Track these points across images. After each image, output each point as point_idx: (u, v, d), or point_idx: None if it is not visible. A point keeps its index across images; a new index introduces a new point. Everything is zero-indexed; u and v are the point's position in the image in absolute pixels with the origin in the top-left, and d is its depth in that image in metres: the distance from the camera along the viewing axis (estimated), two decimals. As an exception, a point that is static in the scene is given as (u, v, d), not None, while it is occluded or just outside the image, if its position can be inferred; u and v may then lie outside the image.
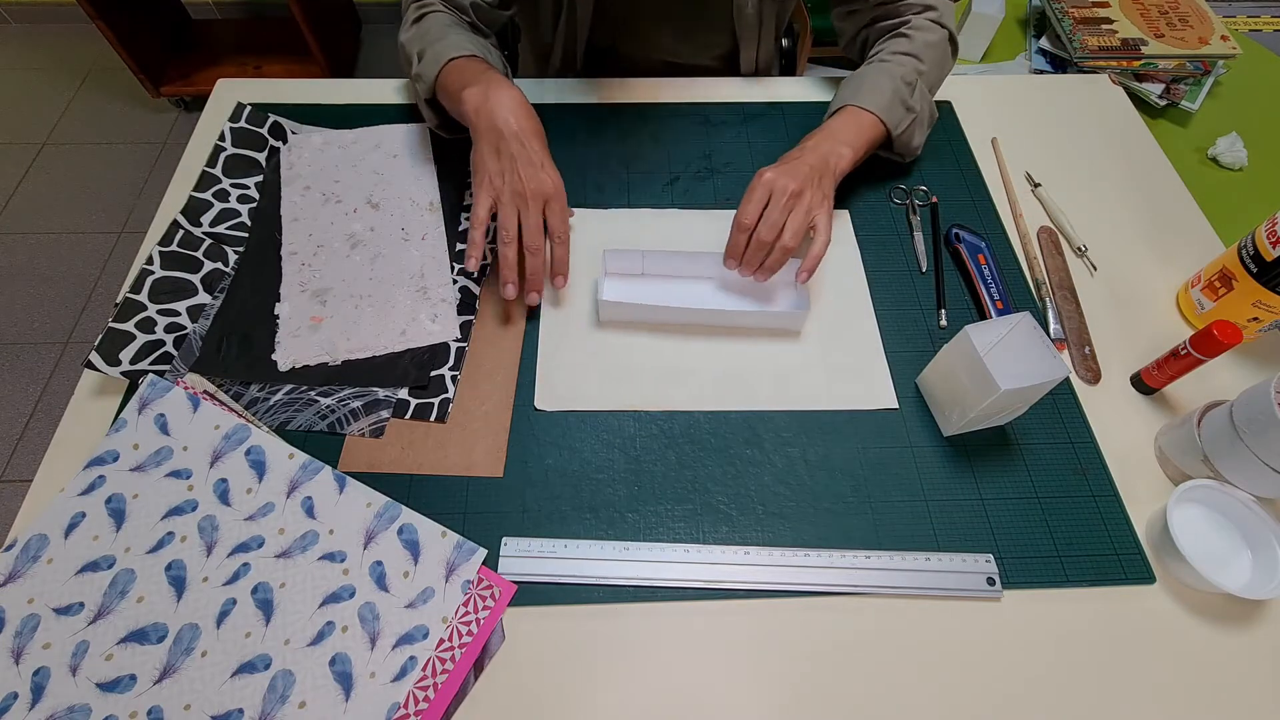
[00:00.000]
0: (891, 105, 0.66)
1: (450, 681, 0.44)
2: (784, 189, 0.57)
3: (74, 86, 1.98)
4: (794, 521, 0.53)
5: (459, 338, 0.60)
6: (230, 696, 0.42)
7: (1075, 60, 1.06)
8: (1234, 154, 1.02)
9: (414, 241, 0.66)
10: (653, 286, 0.62)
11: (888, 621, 0.49)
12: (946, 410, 0.56)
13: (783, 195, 0.57)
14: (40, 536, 0.46)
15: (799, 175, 0.58)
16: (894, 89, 0.66)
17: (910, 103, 0.67)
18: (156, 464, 0.49)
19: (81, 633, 0.44)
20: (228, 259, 0.64)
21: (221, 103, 0.77)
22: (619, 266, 0.62)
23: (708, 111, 0.79)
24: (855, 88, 0.67)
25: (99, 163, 1.81)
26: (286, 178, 0.70)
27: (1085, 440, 0.57)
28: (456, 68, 0.62)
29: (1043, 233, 0.70)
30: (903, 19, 0.71)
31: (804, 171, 0.59)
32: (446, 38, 0.65)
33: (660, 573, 0.50)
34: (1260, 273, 0.58)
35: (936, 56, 0.70)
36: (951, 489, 0.55)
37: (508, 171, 0.57)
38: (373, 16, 2.13)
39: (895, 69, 0.67)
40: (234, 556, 0.47)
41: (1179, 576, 0.51)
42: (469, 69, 0.62)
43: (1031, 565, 0.51)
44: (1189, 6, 1.13)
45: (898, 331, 0.63)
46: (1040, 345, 0.51)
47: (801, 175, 0.58)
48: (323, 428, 0.55)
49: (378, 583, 0.46)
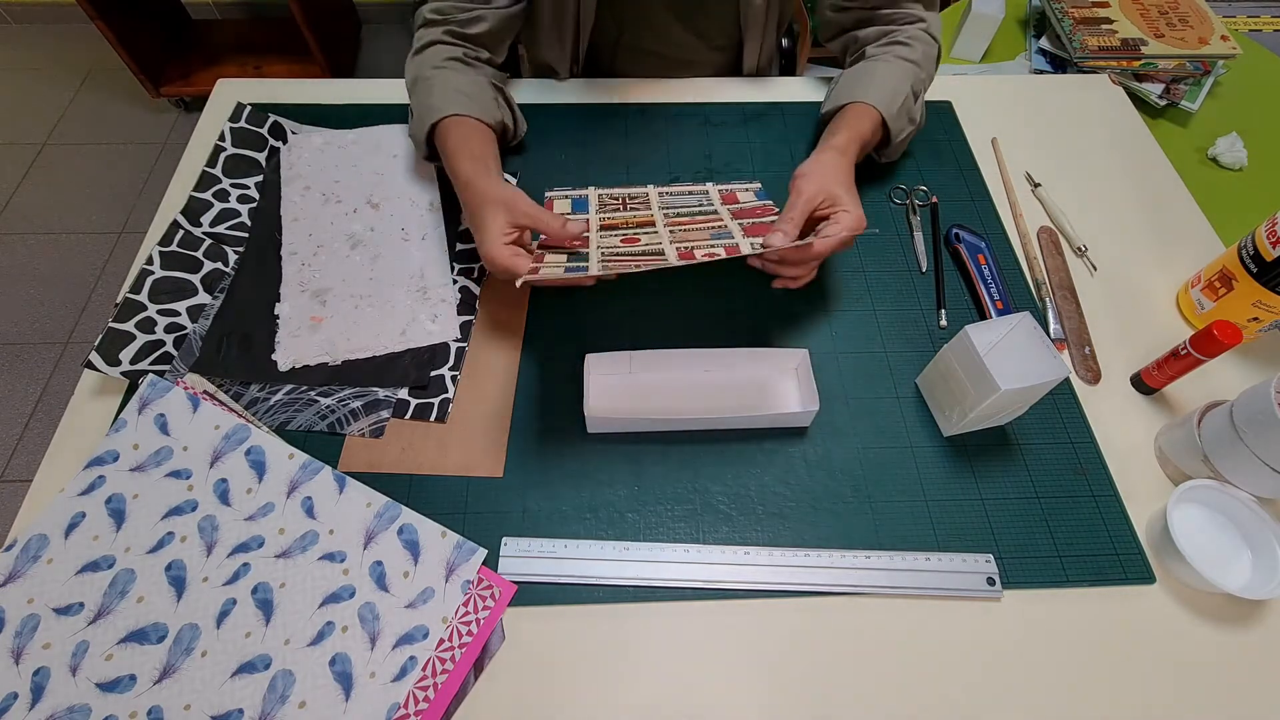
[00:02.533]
0: (899, 114, 0.67)
1: (450, 681, 0.44)
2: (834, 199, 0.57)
3: (74, 86, 1.98)
4: (794, 521, 0.53)
5: (459, 338, 0.60)
6: (230, 696, 0.42)
7: (1075, 60, 1.06)
8: (1234, 154, 1.01)
9: (414, 242, 0.66)
10: (642, 387, 0.58)
11: (888, 621, 0.49)
12: (946, 410, 0.56)
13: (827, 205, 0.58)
14: (40, 536, 0.46)
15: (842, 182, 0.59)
16: (904, 97, 0.67)
17: (913, 113, 0.69)
18: (156, 464, 0.49)
19: (81, 633, 0.44)
20: (228, 259, 0.64)
21: (221, 103, 0.77)
22: (605, 369, 0.58)
23: (708, 111, 0.79)
24: (866, 85, 0.67)
25: (99, 163, 1.81)
26: (286, 177, 0.70)
27: (1085, 440, 0.57)
28: (443, 131, 0.64)
29: (1043, 233, 0.70)
30: (897, 26, 0.72)
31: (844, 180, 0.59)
32: (432, 92, 0.65)
33: (660, 573, 0.50)
34: (1260, 273, 0.58)
35: (931, 71, 0.72)
36: (951, 489, 0.55)
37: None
38: (373, 16, 2.13)
39: (905, 75, 0.68)
40: (234, 556, 0.47)
41: (1179, 576, 0.51)
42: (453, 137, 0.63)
43: (1031, 565, 0.51)
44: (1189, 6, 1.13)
45: (898, 332, 0.63)
46: (1040, 345, 0.51)
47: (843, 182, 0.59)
48: (323, 428, 0.55)
49: (378, 583, 0.46)
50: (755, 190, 0.68)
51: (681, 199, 0.67)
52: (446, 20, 0.69)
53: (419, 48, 0.69)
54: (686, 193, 0.68)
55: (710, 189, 0.69)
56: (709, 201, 0.66)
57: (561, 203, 0.67)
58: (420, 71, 0.68)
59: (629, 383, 0.58)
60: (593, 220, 0.63)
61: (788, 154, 0.75)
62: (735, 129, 0.77)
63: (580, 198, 0.68)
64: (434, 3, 0.69)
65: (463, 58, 0.69)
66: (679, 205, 0.65)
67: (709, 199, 0.67)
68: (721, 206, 0.65)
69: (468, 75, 0.68)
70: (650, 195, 0.67)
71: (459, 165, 0.61)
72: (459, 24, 0.69)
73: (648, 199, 0.67)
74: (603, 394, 0.57)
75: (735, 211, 0.63)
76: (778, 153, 0.76)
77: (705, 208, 0.65)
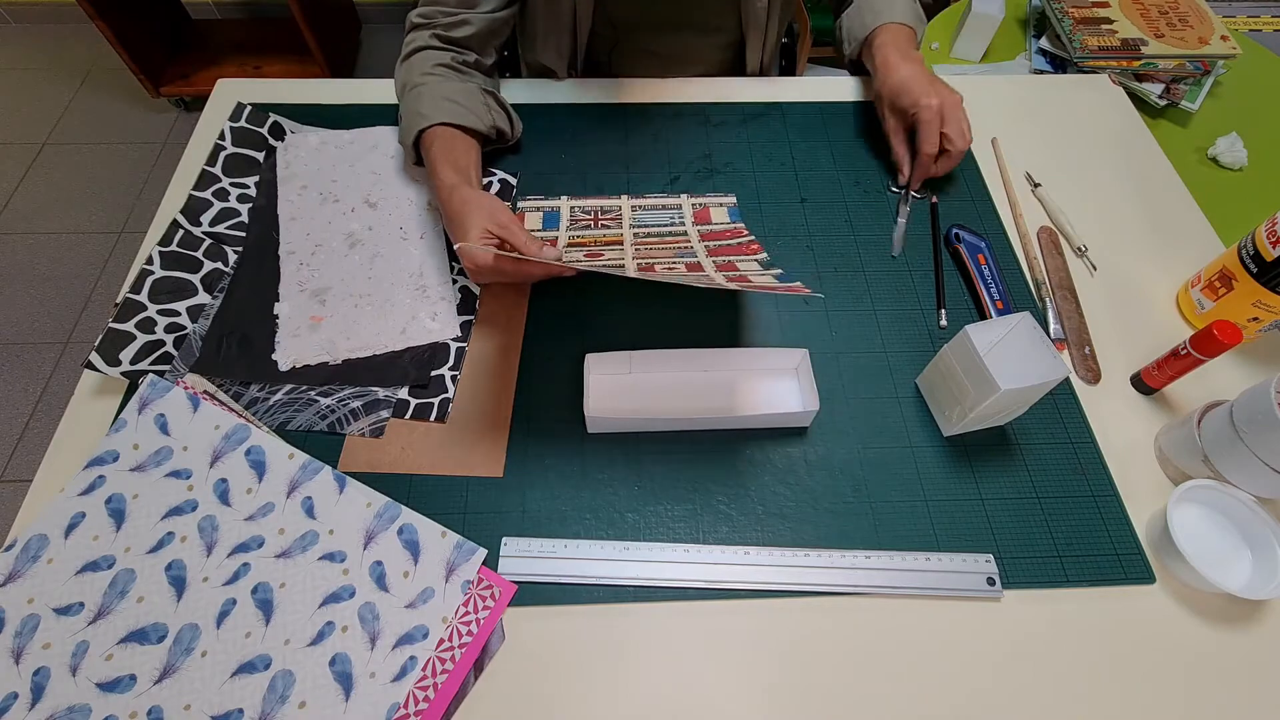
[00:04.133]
0: (918, 25, 0.76)
1: (450, 681, 0.44)
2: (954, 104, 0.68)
3: (74, 86, 1.98)
4: (794, 521, 0.53)
5: (459, 336, 0.60)
6: (230, 696, 0.42)
7: (1075, 60, 1.06)
8: (1234, 154, 1.01)
9: (413, 240, 0.66)
10: (642, 387, 0.58)
11: (888, 621, 0.49)
12: (946, 410, 0.56)
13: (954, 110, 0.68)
14: (40, 536, 0.46)
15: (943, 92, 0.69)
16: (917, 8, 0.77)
17: (922, 18, 0.78)
18: (156, 464, 0.49)
19: (81, 633, 0.44)
20: (227, 259, 0.64)
21: (221, 103, 0.77)
22: (605, 369, 0.58)
23: (708, 111, 0.79)
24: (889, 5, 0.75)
25: (99, 163, 1.81)
26: (283, 177, 0.70)
27: (1085, 440, 0.57)
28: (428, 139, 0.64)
29: (1043, 233, 0.70)
30: None
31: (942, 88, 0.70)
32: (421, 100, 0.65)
33: (660, 573, 0.50)
34: (1260, 273, 0.58)
35: None
36: (951, 489, 0.55)
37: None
38: (373, 16, 2.13)
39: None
40: (234, 556, 0.47)
41: (1179, 576, 0.51)
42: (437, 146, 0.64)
43: (1031, 565, 0.51)
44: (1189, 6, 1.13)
45: (898, 332, 0.63)
46: (1040, 345, 0.51)
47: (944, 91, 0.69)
48: (323, 428, 0.55)
49: (378, 583, 0.46)
50: (729, 207, 0.69)
51: (654, 215, 0.68)
52: (432, 24, 0.69)
53: (407, 53, 0.70)
54: (660, 207, 0.69)
55: (684, 202, 0.69)
56: (680, 219, 0.67)
57: (533, 216, 0.68)
58: (409, 78, 0.68)
59: (629, 383, 0.58)
60: (561, 238, 0.64)
61: (788, 154, 0.75)
62: (735, 129, 0.77)
63: (552, 210, 0.68)
64: (421, 7, 0.69)
65: (451, 64, 0.69)
66: (650, 224, 0.66)
67: (680, 215, 0.68)
68: (692, 227, 0.66)
69: (455, 83, 0.68)
70: (623, 209, 0.68)
71: (442, 174, 0.61)
72: (444, 28, 0.69)
73: (620, 215, 0.67)
74: (603, 394, 0.57)
75: (705, 234, 0.65)
76: (778, 153, 0.76)
77: (676, 227, 0.66)
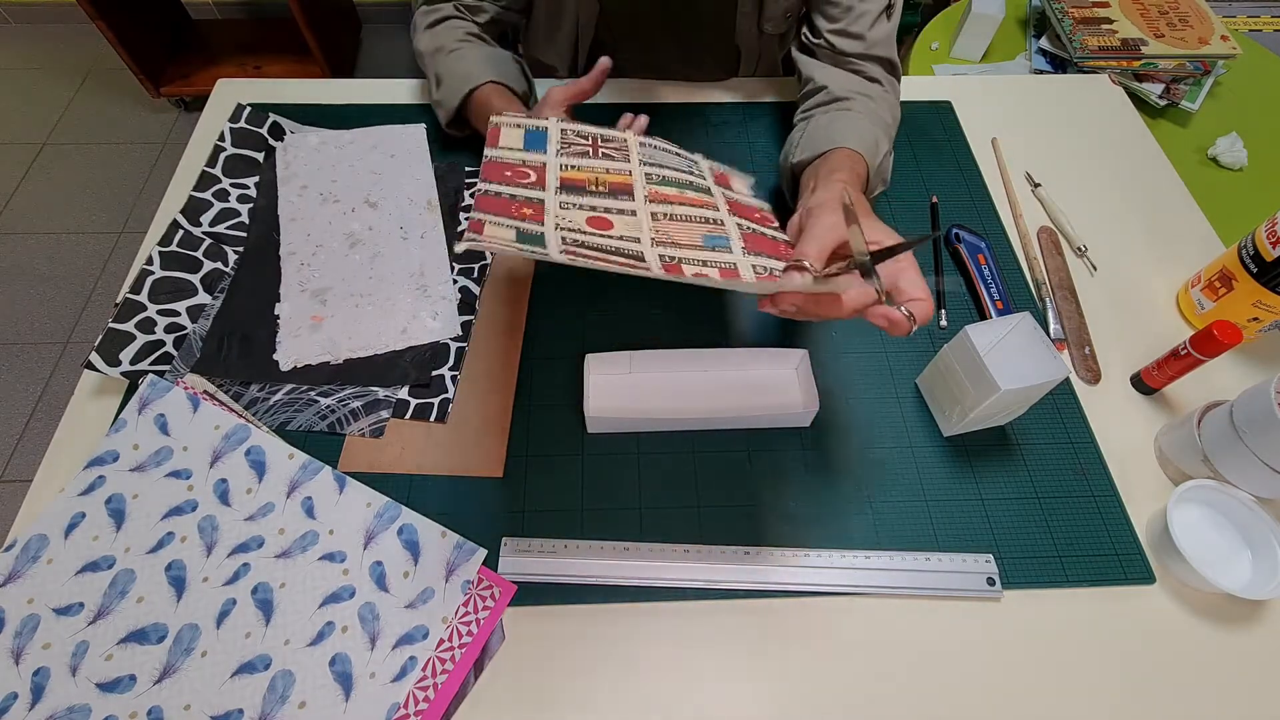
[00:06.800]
0: (878, 170, 0.60)
1: (450, 681, 0.44)
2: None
3: (74, 86, 1.98)
4: (794, 521, 0.53)
5: (459, 336, 0.60)
6: (230, 696, 0.42)
7: (1075, 60, 1.06)
8: (1234, 154, 1.02)
9: (413, 240, 0.66)
10: (642, 387, 0.58)
11: (888, 621, 0.49)
12: (946, 410, 0.56)
13: None
14: (40, 536, 0.46)
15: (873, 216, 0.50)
16: (884, 153, 0.61)
17: (885, 173, 0.62)
18: (156, 464, 0.49)
19: (81, 633, 0.44)
20: (228, 259, 0.64)
21: (221, 103, 0.77)
22: (605, 369, 0.58)
23: (708, 111, 0.79)
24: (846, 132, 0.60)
25: (99, 163, 1.81)
26: (282, 177, 0.70)
27: (1085, 440, 0.57)
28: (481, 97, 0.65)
29: (1043, 233, 0.70)
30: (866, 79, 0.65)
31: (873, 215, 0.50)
32: (465, 59, 0.67)
33: (660, 572, 0.50)
34: (1260, 273, 0.58)
35: (893, 135, 0.65)
36: (951, 489, 0.55)
37: None
38: (373, 16, 2.13)
39: (883, 130, 0.62)
40: (234, 556, 0.47)
41: (1179, 576, 0.51)
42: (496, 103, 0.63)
43: (1031, 565, 0.51)
44: (1189, 6, 1.13)
45: (898, 331, 0.63)
46: (1040, 345, 0.51)
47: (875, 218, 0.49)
48: (323, 428, 0.55)
49: (378, 583, 0.46)
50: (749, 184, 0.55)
51: (667, 158, 0.53)
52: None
53: (432, 20, 0.70)
54: (674, 153, 0.54)
55: (700, 160, 0.54)
56: (700, 174, 0.52)
57: (512, 132, 0.51)
58: (442, 42, 0.69)
59: (629, 383, 0.58)
60: (551, 166, 0.47)
61: (788, 154, 0.75)
62: (735, 129, 0.77)
63: (538, 130, 0.51)
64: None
65: (480, 34, 0.71)
66: (664, 166, 0.51)
67: (699, 170, 0.53)
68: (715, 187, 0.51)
69: (493, 49, 0.70)
70: (629, 143, 0.53)
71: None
72: (467, 8, 0.71)
73: (626, 148, 0.52)
74: (603, 394, 0.57)
75: (732, 203, 0.50)
76: (778, 153, 0.75)
77: (697, 181, 0.51)
